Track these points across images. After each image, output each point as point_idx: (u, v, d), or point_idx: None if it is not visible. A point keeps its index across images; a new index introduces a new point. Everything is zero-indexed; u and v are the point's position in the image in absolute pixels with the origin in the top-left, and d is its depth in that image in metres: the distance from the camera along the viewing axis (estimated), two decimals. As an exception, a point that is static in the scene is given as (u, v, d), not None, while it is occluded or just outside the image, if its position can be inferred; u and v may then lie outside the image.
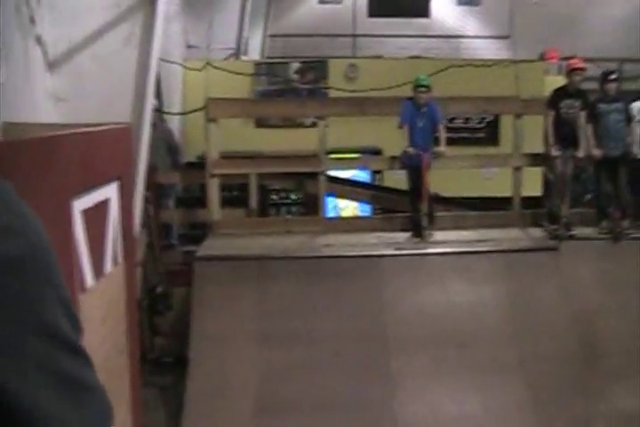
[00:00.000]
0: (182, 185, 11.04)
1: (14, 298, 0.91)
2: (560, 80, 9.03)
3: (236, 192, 10.08)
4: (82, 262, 3.28)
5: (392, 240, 8.41)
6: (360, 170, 11.40)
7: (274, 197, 12.19)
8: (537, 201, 9.42)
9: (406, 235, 8.55)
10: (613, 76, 8.66)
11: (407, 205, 8.80)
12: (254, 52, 18.09)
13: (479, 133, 13.18)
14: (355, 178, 11.39)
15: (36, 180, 2.67)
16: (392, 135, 8.73)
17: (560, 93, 8.55)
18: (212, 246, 8.23)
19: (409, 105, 8.46)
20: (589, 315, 7.60)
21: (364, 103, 9.27)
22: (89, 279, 3.37)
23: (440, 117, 8.59)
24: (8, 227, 0.93)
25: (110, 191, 3.82)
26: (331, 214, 10.11)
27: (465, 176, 10.51)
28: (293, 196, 12.13)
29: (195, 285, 7.54)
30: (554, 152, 8.40)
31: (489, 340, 7.30)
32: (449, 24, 20.70)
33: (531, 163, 9.19)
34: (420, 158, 8.31)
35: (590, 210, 8.94)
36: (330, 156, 9.02)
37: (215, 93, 9.24)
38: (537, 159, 9.04)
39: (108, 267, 3.70)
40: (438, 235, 8.50)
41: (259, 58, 17.77)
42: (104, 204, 3.71)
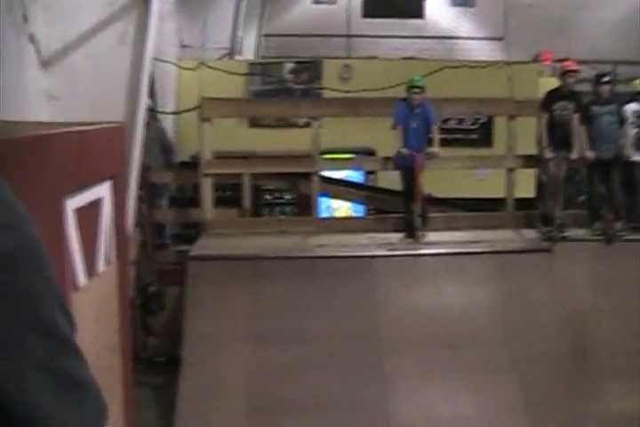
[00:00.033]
0: (176, 184, 11.03)
1: (11, 294, 0.90)
2: (554, 82, 9.04)
3: (230, 192, 10.07)
4: (74, 261, 3.27)
5: (385, 241, 8.41)
6: (354, 170, 11.40)
7: (267, 197, 12.19)
8: (530, 202, 9.43)
9: (399, 235, 8.55)
10: (607, 78, 8.67)
11: (400, 206, 8.80)
12: (249, 52, 18.07)
13: (473, 135, 13.20)
14: (348, 178, 11.39)
15: (29, 178, 2.65)
16: (386, 136, 8.73)
17: (554, 95, 8.56)
18: (206, 246, 8.22)
19: (402, 106, 8.46)
20: (582, 316, 7.61)
21: (358, 104, 9.27)
22: (81, 278, 3.36)
23: (433, 118, 8.59)
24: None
25: (103, 190, 3.80)
26: (324, 215, 10.11)
27: (458, 177, 10.51)
28: (287, 196, 12.12)
29: (188, 284, 7.53)
30: (547, 154, 8.41)
31: (482, 341, 7.31)
32: (443, 25, 20.73)
33: (524, 164, 9.20)
34: (414, 159, 8.32)
35: (583, 212, 8.96)
36: (323, 156, 9.01)
37: (209, 93, 9.22)
38: (530, 161, 9.05)
39: (101, 266, 3.69)
40: (432, 236, 8.50)
41: (253, 58, 17.76)
42: (97, 203, 3.70)
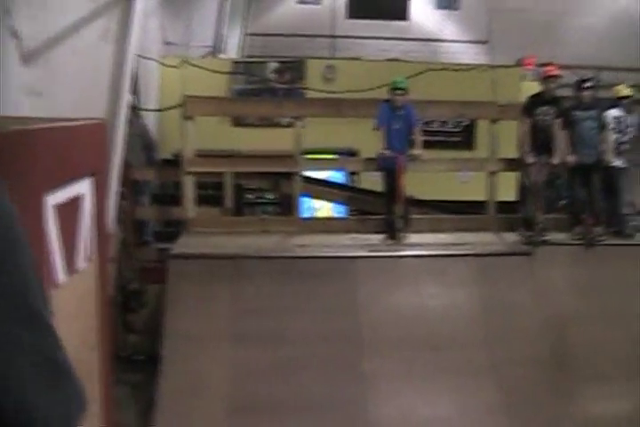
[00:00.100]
0: (158, 182, 10.97)
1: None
2: (536, 86, 9.08)
3: (212, 191, 10.02)
4: (54, 258, 3.23)
5: (367, 242, 8.41)
6: (336, 171, 11.39)
7: (249, 197, 12.16)
8: (511, 206, 9.46)
9: (381, 237, 8.56)
10: (589, 83, 8.71)
11: (382, 207, 8.80)
12: (232, 51, 18.01)
13: (455, 137, 13.25)
14: (330, 179, 11.39)
15: (8, 173, 2.61)
16: (368, 137, 8.72)
17: (536, 100, 8.60)
18: (187, 244, 8.17)
19: (385, 107, 8.47)
20: (562, 319, 7.65)
21: (341, 104, 9.27)
22: (61, 275, 3.31)
23: (416, 120, 8.60)
24: None
25: (84, 187, 3.76)
26: (305, 215, 10.10)
27: (441, 179, 10.55)
28: (269, 195, 12.10)
29: (169, 282, 7.48)
30: (529, 159, 8.44)
31: (463, 343, 7.32)
32: (428, 27, 20.77)
33: (506, 168, 9.22)
34: (396, 161, 8.32)
35: (564, 216, 9.01)
36: (306, 156, 9.00)
37: (192, 91, 9.17)
38: (512, 164, 9.07)
39: (81, 263, 3.65)
40: (414, 237, 8.51)
41: (237, 56, 17.71)
42: (77, 199, 3.65)
